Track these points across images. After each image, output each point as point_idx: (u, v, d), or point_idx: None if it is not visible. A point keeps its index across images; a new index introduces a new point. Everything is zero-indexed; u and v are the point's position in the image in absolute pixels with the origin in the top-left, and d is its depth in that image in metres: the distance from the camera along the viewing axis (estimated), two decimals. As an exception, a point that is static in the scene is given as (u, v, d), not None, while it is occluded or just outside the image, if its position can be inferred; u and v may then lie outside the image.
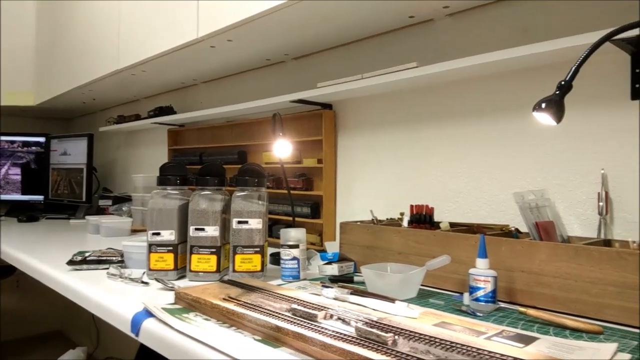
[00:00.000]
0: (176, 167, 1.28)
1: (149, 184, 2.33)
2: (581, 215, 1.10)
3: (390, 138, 1.51)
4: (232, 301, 0.87)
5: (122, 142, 3.15)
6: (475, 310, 0.93)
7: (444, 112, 1.37)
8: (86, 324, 3.05)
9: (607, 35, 0.76)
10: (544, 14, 1.16)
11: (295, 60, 1.84)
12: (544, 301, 0.94)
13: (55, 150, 3.02)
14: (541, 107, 0.81)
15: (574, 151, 1.12)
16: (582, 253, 0.89)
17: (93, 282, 1.13)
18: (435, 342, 0.65)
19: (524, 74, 1.19)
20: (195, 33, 1.57)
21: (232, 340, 0.73)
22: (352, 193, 1.63)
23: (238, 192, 1.20)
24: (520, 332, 0.80)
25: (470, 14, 1.30)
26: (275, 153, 1.44)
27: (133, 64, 1.95)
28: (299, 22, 1.41)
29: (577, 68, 0.77)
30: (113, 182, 3.20)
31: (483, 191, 1.28)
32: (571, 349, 0.72)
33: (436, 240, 1.12)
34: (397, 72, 1.28)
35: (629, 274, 0.84)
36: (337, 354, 0.63)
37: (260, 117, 1.96)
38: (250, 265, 1.16)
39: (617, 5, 1.04)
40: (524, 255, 0.97)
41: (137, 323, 0.86)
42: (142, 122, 2.52)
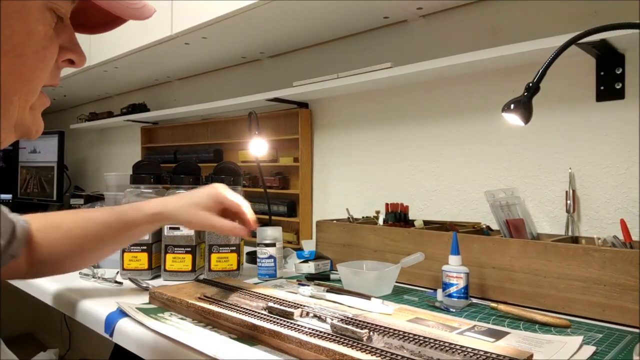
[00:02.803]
0: (150, 165, 1.26)
1: (122, 182, 2.28)
2: (550, 213, 1.14)
3: (366, 137, 1.53)
4: (207, 300, 0.87)
5: (94, 139, 3.08)
6: (448, 306, 0.95)
7: (418, 112, 1.39)
8: (57, 326, 2.98)
9: (573, 39, 0.79)
10: (513, 17, 1.19)
11: (271, 59, 1.84)
12: (514, 297, 0.97)
13: (24, 148, 2.94)
14: (510, 108, 0.83)
15: (542, 151, 1.15)
16: (550, 250, 0.92)
17: (65, 282, 1.11)
18: (409, 337, 0.66)
19: (494, 75, 1.22)
20: (169, 30, 1.55)
21: (208, 339, 0.73)
22: (328, 191, 1.64)
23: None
24: (492, 327, 0.82)
25: (443, 15, 1.32)
26: (252, 151, 1.44)
27: (105, 60, 1.92)
28: (274, 21, 1.41)
29: (544, 70, 0.80)
30: (85, 181, 3.14)
31: (455, 190, 1.31)
32: (540, 342, 0.74)
33: (411, 237, 1.14)
34: (371, 72, 1.29)
35: (594, 270, 0.87)
36: (313, 351, 0.64)
37: (236, 115, 1.95)
38: (226, 264, 1.15)
39: (585, 9, 1.08)
40: (495, 252, 1.00)
41: (111, 323, 0.85)
42: (114, 120, 2.48)
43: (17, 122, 0.49)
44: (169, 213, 0.90)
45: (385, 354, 0.61)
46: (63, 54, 0.51)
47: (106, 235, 0.90)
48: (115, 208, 0.92)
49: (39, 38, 0.47)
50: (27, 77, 0.47)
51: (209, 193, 0.91)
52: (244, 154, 1.85)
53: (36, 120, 0.53)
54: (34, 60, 0.47)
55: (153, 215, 0.91)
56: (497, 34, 1.22)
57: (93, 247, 0.91)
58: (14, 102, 0.47)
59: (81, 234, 0.88)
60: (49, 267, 0.89)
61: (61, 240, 0.87)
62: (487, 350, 0.61)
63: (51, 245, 0.86)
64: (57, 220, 0.89)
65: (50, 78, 0.51)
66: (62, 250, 0.87)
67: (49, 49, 0.48)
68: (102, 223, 0.89)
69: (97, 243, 0.90)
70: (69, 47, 0.52)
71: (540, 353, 0.69)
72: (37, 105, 0.52)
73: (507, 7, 1.20)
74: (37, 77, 0.48)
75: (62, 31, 0.50)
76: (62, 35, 0.50)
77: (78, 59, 0.53)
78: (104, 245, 0.93)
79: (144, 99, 2.44)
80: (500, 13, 1.22)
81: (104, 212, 0.91)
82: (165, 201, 0.93)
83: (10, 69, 0.45)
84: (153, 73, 2.20)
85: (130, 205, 0.93)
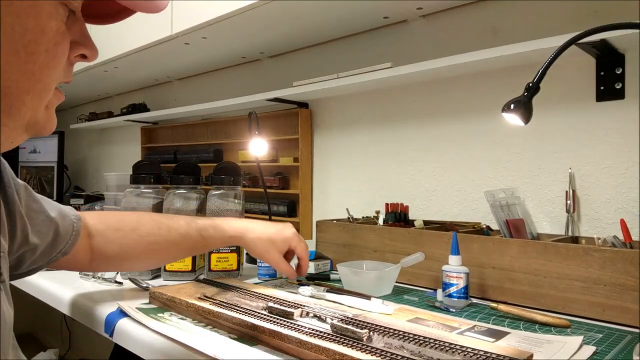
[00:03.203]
0: (150, 165, 1.26)
1: (122, 182, 2.29)
2: (550, 213, 1.14)
3: (366, 137, 1.53)
4: (207, 300, 0.87)
5: (94, 139, 3.08)
6: (448, 306, 0.95)
7: (418, 112, 1.39)
8: (57, 326, 2.98)
9: (573, 39, 0.78)
10: (513, 17, 1.19)
11: (271, 59, 1.84)
12: (514, 297, 0.97)
13: (24, 148, 2.94)
14: (510, 108, 0.83)
15: (542, 151, 1.15)
16: (550, 250, 0.92)
17: (65, 282, 1.11)
18: (409, 337, 0.66)
19: (494, 75, 1.22)
20: (169, 29, 1.55)
21: (208, 339, 0.73)
22: (328, 191, 1.64)
23: (214, 190, 1.20)
24: (492, 327, 0.82)
25: (443, 15, 1.32)
26: (252, 151, 1.44)
27: (105, 60, 1.92)
28: (274, 21, 1.41)
29: (544, 70, 0.80)
30: (85, 181, 3.14)
31: (455, 190, 1.31)
32: (540, 342, 0.74)
33: (411, 237, 1.14)
34: (371, 72, 1.30)
35: (594, 270, 0.87)
36: (313, 351, 0.64)
37: (236, 115, 1.95)
38: (226, 264, 1.15)
39: (585, 9, 1.08)
40: (495, 252, 1.00)
41: (111, 323, 0.85)
42: (114, 120, 2.48)
43: (30, 121, 0.48)
44: (247, 242, 0.96)
45: (385, 354, 0.61)
46: (75, 49, 0.50)
47: (183, 247, 0.94)
48: (196, 221, 0.95)
49: (51, 34, 0.45)
50: (39, 76, 0.46)
51: (285, 237, 0.98)
52: (244, 154, 1.85)
53: (50, 118, 0.51)
54: (45, 57, 0.45)
55: (231, 238, 0.97)
56: (497, 34, 1.22)
57: (166, 255, 0.96)
58: (27, 102, 0.46)
59: (159, 241, 0.91)
60: (115, 264, 0.92)
61: (135, 243, 0.89)
62: (487, 350, 0.61)
63: (123, 245, 0.88)
64: (133, 222, 0.91)
65: (64, 75, 0.50)
66: (133, 251, 0.89)
67: (60, 45, 0.47)
68: (183, 235, 0.93)
69: (171, 252, 0.95)
70: (81, 42, 0.50)
71: (540, 353, 0.69)
72: (52, 102, 0.50)
73: (507, 7, 1.20)
74: (49, 75, 0.47)
75: (73, 25, 0.48)
76: (73, 30, 0.49)
77: (90, 53, 0.52)
78: (176, 255, 0.99)
79: (144, 99, 2.44)
80: (500, 13, 1.22)
81: (183, 223, 0.94)
82: (245, 228, 0.97)
83: (23, 67, 0.44)
84: (153, 73, 2.20)
85: (211, 223, 0.96)
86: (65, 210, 0.82)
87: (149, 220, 0.93)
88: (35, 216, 0.73)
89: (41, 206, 0.75)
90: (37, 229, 0.73)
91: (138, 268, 1.05)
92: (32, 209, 0.73)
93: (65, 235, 0.79)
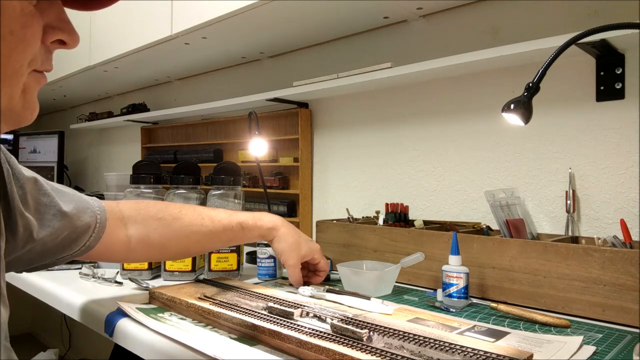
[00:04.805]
0: (150, 165, 1.26)
1: (122, 182, 2.29)
2: (550, 213, 1.14)
3: (366, 137, 1.53)
4: (207, 300, 0.87)
5: (94, 139, 3.08)
6: (448, 306, 0.95)
7: (418, 112, 1.39)
8: (57, 326, 2.98)
9: (573, 39, 0.79)
10: (513, 17, 1.19)
11: (271, 59, 1.84)
12: (514, 296, 0.97)
13: (24, 148, 2.94)
14: (510, 108, 0.83)
15: (542, 151, 1.15)
16: (550, 250, 0.92)
17: (65, 282, 1.11)
18: (409, 337, 0.66)
19: (495, 75, 1.22)
20: (169, 30, 1.55)
21: (208, 339, 0.73)
22: (328, 191, 1.64)
23: (214, 190, 1.20)
24: (492, 327, 0.82)
25: (443, 15, 1.32)
26: (252, 151, 1.44)
27: (105, 60, 1.92)
28: (274, 21, 1.41)
29: (544, 70, 0.80)
30: (85, 181, 3.14)
31: (455, 190, 1.31)
32: (540, 342, 0.74)
33: (411, 237, 1.14)
34: (371, 72, 1.30)
35: (594, 270, 0.87)
36: (313, 351, 0.64)
37: (236, 115, 1.95)
38: (226, 264, 1.15)
39: (585, 9, 1.08)
40: (495, 252, 1.00)
41: (111, 323, 0.85)
42: (114, 120, 2.48)
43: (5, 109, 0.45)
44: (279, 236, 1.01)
45: (385, 354, 0.61)
46: (51, 33, 0.47)
47: (223, 238, 0.97)
48: (237, 215, 0.98)
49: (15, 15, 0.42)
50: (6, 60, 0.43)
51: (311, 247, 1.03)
52: (244, 154, 1.85)
53: (28, 105, 0.47)
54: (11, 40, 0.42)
55: (269, 230, 1.00)
56: (497, 34, 1.22)
57: (206, 245, 0.99)
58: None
59: (201, 231, 0.93)
60: (155, 254, 0.94)
61: (177, 232, 0.91)
62: (487, 350, 0.61)
63: (165, 234, 0.90)
64: (175, 211, 0.93)
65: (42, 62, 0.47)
66: (175, 241, 0.91)
67: (29, 27, 0.43)
68: (225, 226, 0.95)
69: (212, 242, 0.97)
70: (58, 26, 0.47)
71: (540, 353, 0.69)
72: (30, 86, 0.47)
73: (507, 7, 1.20)
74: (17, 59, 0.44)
75: (49, 8, 0.46)
76: (48, 13, 0.46)
77: (69, 38, 0.48)
78: (216, 245, 1.02)
79: (144, 99, 2.44)
80: (500, 13, 1.22)
81: (225, 214, 0.97)
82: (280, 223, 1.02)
83: None
84: (153, 73, 2.20)
85: (251, 215, 1.00)
86: (85, 203, 0.80)
87: (192, 210, 0.95)
88: (44, 210, 0.72)
89: (52, 200, 0.74)
90: (47, 223, 0.73)
91: (178, 257, 1.07)
92: (41, 203, 0.72)
93: (86, 229, 0.79)
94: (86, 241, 0.79)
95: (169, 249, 0.93)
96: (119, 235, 0.85)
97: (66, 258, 0.79)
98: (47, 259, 0.76)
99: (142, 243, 0.88)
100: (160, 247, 0.91)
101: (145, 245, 0.88)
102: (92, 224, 0.80)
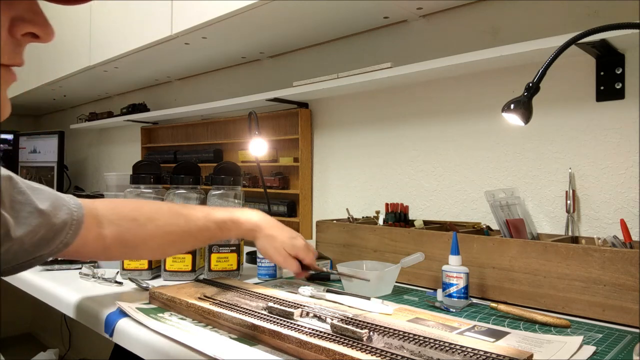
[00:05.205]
0: (150, 165, 1.26)
1: (122, 182, 2.29)
2: (550, 213, 1.14)
3: (366, 137, 1.53)
4: (207, 300, 0.87)
5: (94, 139, 3.08)
6: (448, 306, 0.95)
7: (418, 112, 1.39)
8: (57, 326, 2.98)
9: (573, 39, 0.79)
10: (513, 17, 1.19)
11: (271, 59, 1.84)
12: (514, 296, 0.97)
13: (24, 148, 2.94)
14: (510, 108, 0.83)
15: (542, 151, 1.15)
16: (550, 250, 0.92)
17: (65, 282, 1.11)
18: (409, 337, 0.66)
19: (495, 75, 1.22)
20: (169, 30, 1.55)
21: (208, 339, 0.73)
22: (328, 191, 1.64)
23: (214, 190, 1.20)
24: (492, 327, 0.82)
25: (443, 15, 1.32)
26: (252, 151, 1.44)
27: (105, 60, 1.92)
28: (274, 21, 1.41)
29: (544, 70, 0.80)
30: (85, 181, 3.14)
31: (455, 190, 1.31)
32: (540, 342, 0.74)
33: (410, 238, 1.14)
34: (371, 72, 1.30)
35: (594, 270, 0.87)
36: (313, 351, 0.64)
37: (236, 115, 1.95)
38: (226, 264, 1.15)
39: (585, 9, 1.08)
40: (495, 252, 1.00)
41: (111, 323, 0.85)
42: (114, 120, 2.48)
43: None
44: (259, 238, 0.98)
45: (385, 354, 0.61)
46: (21, 26, 0.44)
47: (200, 238, 0.95)
48: (214, 213, 0.96)
49: None
50: None
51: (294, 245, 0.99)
52: (244, 154, 1.85)
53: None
54: None
55: (248, 231, 0.98)
56: (497, 34, 1.22)
57: (182, 245, 0.97)
58: None
59: (176, 231, 0.91)
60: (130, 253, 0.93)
61: (152, 233, 0.89)
62: (487, 350, 0.61)
63: (139, 235, 0.88)
64: (150, 211, 0.91)
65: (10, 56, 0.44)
66: (150, 242, 0.89)
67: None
68: (201, 227, 0.93)
69: (188, 242, 0.95)
70: (28, 18, 0.44)
71: (540, 353, 0.69)
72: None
73: (507, 7, 1.20)
74: None
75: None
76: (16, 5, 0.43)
77: (42, 32, 0.45)
78: (193, 245, 0.99)
79: (144, 99, 2.44)
80: (500, 13, 1.22)
81: (201, 214, 0.94)
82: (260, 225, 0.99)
83: None
84: (153, 73, 2.20)
85: (229, 216, 0.97)
86: (61, 200, 0.79)
87: (167, 210, 0.93)
88: (20, 208, 0.71)
89: (27, 198, 0.73)
90: (23, 221, 0.72)
91: (155, 257, 1.06)
92: (16, 201, 0.71)
93: (63, 226, 0.77)
94: (63, 238, 0.78)
95: (143, 249, 0.91)
96: (94, 233, 0.83)
97: (43, 257, 0.77)
98: (24, 258, 0.75)
99: (117, 242, 0.86)
100: (134, 247, 0.89)
101: (120, 244, 0.87)
102: (69, 221, 0.78)
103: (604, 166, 1.06)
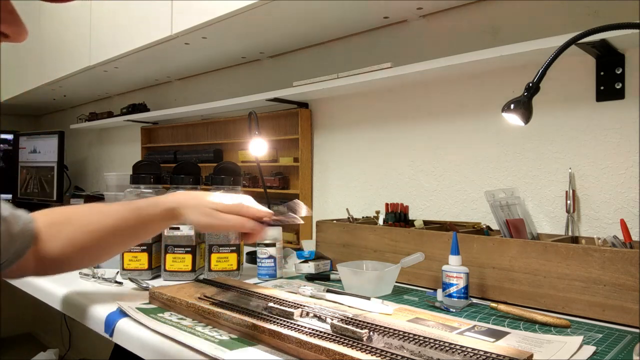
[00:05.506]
0: (150, 165, 1.26)
1: (122, 182, 2.29)
2: (550, 213, 1.14)
3: (366, 137, 1.53)
4: (207, 300, 0.87)
5: (94, 139, 3.09)
6: (448, 306, 0.95)
7: (418, 112, 1.39)
8: (57, 326, 2.98)
9: (573, 39, 0.78)
10: (513, 17, 1.19)
11: (271, 59, 1.84)
12: (514, 296, 0.97)
13: (24, 148, 2.94)
14: (510, 108, 0.83)
15: (542, 151, 1.15)
16: (550, 250, 0.92)
17: (65, 282, 1.11)
18: (409, 337, 0.66)
19: (495, 75, 1.22)
20: (169, 30, 1.55)
21: (208, 339, 0.73)
22: (328, 191, 1.64)
23: (214, 190, 1.20)
24: (492, 327, 0.82)
25: (443, 15, 1.32)
26: (252, 151, 1.44)
27: (105, 60, 1.92)
28: (274, 21, 1.41)
29: (544, 70, 0.80)
30: (85, 181, 3.14)
31: (455, 190, 1.31)
32: (540, 342, 0.74)
33: (411, 238, 1.14)
34: (371, 72, 1.30)
35: (594, 270, 0.87)
36: (313, 351, 0.64)
37: (236, 115, 1.95)
38: (226, 264, 1.15)
39: (585, 9, 1.08)
40: (495, 252, 1.00)
41: (111, 323, 0.85)
42: (114, 120, 2.48)
43: None
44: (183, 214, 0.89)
45: (385, 354, 0.61)
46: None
47: (123, 230, 0.88)
48: (132, 202, 0.90)
49: None
50: None
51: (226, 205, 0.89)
52: (244, 154, 1.85)
53: None
54: None
55: (166, 211, 0.89)
56: (497, 34, 1.22)
57: (109, 242, 0.89)
58: None
59: (96, 229, 0.86)
60: (61, 263, 0.86)
61: (74, 235, 0.84)
62: (487, 350, 0.61)
63: (63, 240, 0.83)
64: (67, 214, 0.87)
65: None
66: (75, 245, 0.84)
67: None
68: (119, 218, 0.87)
69: (113, 238, 0.88)
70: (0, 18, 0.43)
71: (540, 353, 0.69)
72: None
73: (507, 7, 1.20)
74: None
75: None
76: None
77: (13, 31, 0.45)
78: (121, 241, 0.91)
79: (144, 99, 2.44)
80: (500, 13, 1.22)
81: (120, 206, 0.89)
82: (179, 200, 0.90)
83: None
84: (153, 73, 2.20)
85: (147, 200, 0.91)
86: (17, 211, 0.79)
87: (84, 209, 0.89)
88: None
89: None
90: None
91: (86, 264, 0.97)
92: None
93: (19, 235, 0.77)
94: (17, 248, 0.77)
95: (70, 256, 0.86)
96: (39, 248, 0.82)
97: None
98: None
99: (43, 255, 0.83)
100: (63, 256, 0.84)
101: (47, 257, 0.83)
102: (25, 231, 0.78)
103: (604, 166, 1.06)
